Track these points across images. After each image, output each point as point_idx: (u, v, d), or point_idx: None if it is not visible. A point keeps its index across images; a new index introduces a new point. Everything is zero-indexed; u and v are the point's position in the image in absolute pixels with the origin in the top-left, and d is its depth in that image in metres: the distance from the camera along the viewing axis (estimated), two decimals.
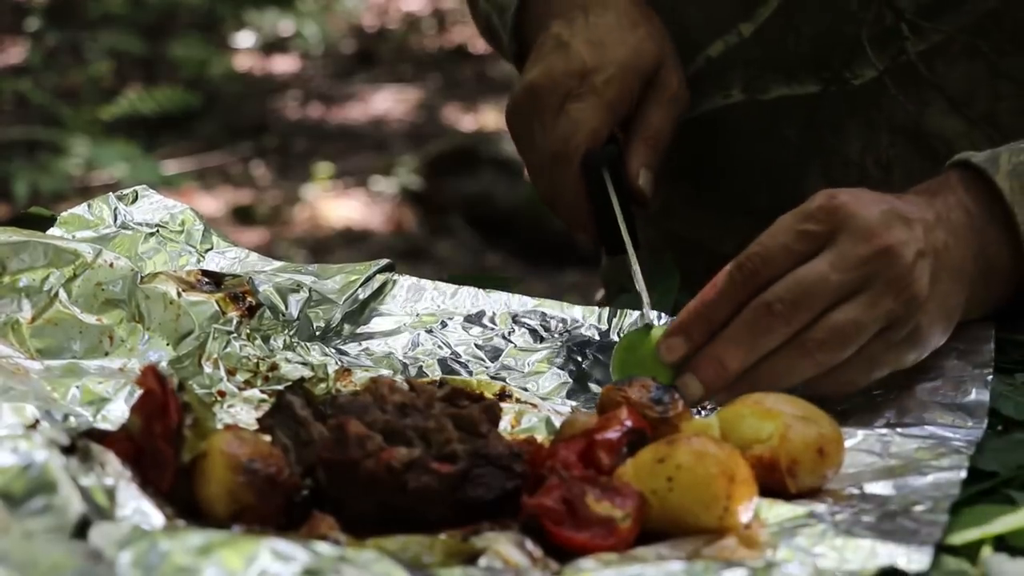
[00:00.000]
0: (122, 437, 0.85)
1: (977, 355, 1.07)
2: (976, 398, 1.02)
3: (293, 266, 1.23)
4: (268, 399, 1.05)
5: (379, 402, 0.89)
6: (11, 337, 1.07)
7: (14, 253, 1.12)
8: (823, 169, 1.27)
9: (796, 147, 1.27)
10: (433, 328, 1.18)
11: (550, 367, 1.14)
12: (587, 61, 1.20)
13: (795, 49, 1.25)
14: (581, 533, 0.81)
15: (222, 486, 0.83)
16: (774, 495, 0.88)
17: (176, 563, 0.71)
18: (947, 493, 0.87)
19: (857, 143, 1.26)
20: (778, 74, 1.26)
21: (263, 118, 5.54)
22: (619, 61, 1.21)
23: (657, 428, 0.91)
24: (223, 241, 1.27)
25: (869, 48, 1.23)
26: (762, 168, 1.29)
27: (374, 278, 1.22)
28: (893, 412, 1.02)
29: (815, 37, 1.24)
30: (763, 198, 1.28)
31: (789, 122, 1.27)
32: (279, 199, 4.90)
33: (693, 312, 1.02)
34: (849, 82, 1.24)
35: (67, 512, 0.76)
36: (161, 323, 1.12)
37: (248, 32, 5.92)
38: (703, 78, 1.29)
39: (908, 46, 1.22)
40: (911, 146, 1.24)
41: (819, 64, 1.25)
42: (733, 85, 1.28)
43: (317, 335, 1.16)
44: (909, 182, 1.18)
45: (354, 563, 0.73)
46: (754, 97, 1.27)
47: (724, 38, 1.27)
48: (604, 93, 1.19)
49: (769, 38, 1.25)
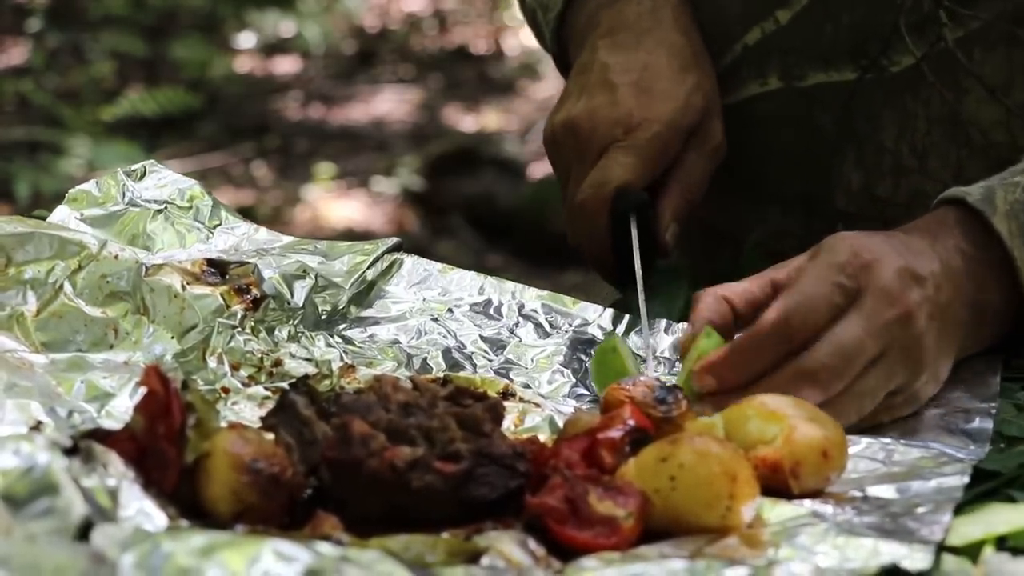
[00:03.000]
0: (125, 437, 0.85)
1: (983, 388, 1.07)
2: (980, 426, 1.02)
3: (302, 243, 1.22)
4: (272, 396, 1.05)
5: (383, 401, 0.89)
6: (16, 330, 1.07)
7: (19, 244, 1.12)
8: (857, 156, 1.27)
9: (831, 134, 1.27)
10: (439, 316, 1.18)
11: (553, 364, 1.14)
12: (634, 112, 1.20)
13: (833, 36, 1.25)
14: (584, 532, 0.81)
15: (226, 486, 0.83)
16: (776, 495, 0.88)
17: (178, 564, 0.71)
18: (950, 496, 0.87)
19: (893, 130, 1.25)
20: (815, 61, 1.26)
21: (264, 119, 5.53)
22: (665, 119, 1.21)
23: (660, 427, 0.91)
24: (232, 216, 1.27)
25: (907, 35, 1.22)
26: (796, 156, 1.28)
27: (382, 258, 1.21)
28: (897, 433, 1.02)
29: (853, 25, 1.24)
30: (796, 185, 1.28)
31: (824, 109, 1.27)
32: (280, 200, 4.90)
33: (731, 355, 0.99)
34: (887, 69, 1.24)
35: (70, 514, 0.76)
36: (166, 316, 1.12)
37: (249, 33, 5.92)
38: (740, 66, 1.28)
39: (946, 33, 1.21)
40: (947, 134, 1.24)
41: (856, 51, 1.24)
42: (770, 73, 1.28)
43: (323, 319, 1.15)
44: (944, 170, 1.20)
45: (356, 563, 0.73)
46: (791, 84, 1.27)
47: (761, 25, 1.27)
48: (646, 150, 1.20)
49: (807, 25, 1.25)
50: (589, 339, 1.16)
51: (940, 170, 1.24)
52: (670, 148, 1.21)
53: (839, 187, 1.27)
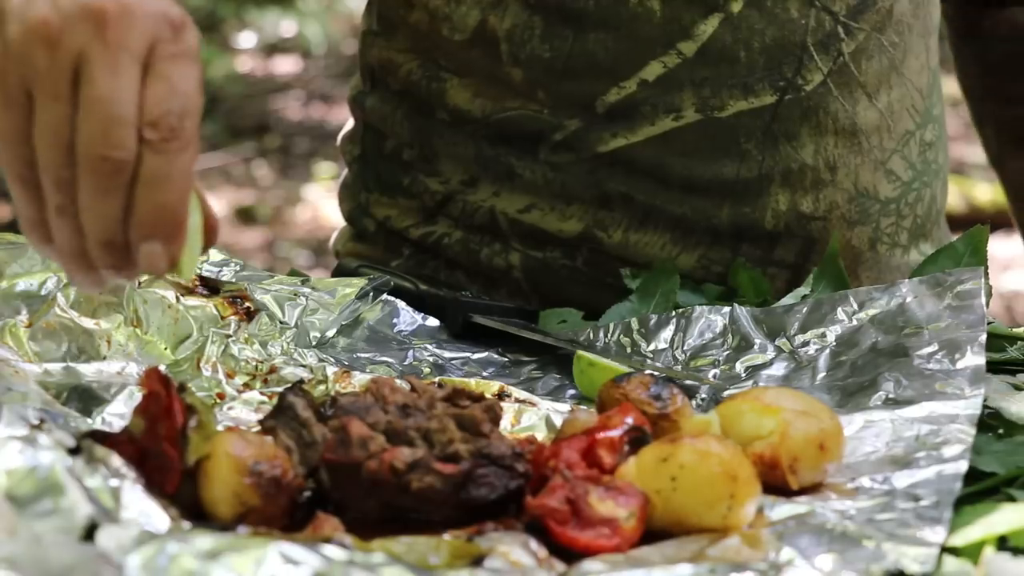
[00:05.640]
0: (124, 439, 0.85)
1: (968, 312, 1.08)
2: (973, 362, 1.03)
3: (289, 279, 1.23)
4: (268, 401, 1.06)
5: (381, 403, 0.89)
6: (9, 341, 1.07)
7: (11, 258, 1.12)
8: (783, 178, 1.29)
9: (757, 160, 1.28)
10: (428, 345, 1.20)
11: (546, 374, 1.15)
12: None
13: (748, 62, 1.26)
14: (585, 533, 0.82)
15: (227, 488, 0.83)
16: (775, 491, 0.89)
17: (184, 567, 0.71)
18: (950, 488, 0.87)
19: (810, 147, 1.29)
20: (734, 89, 1.27)
21: (265, 118, 5.54)
22: None
23: (657, 424, 0.92)
24: (219, 253, 1.27)
25: (815, 53, 1.27)
26: (722, 183, 1.28)
27: (369, 295, 1.22)
28: (892, 385, 1.03)
29: (765, 48, 1.26)
30: (725, 212, 1.29)
31: (749, 136, 1.28)
32: (281, 199, 4.90)
33: None
34: (802, 88, 1.27)
35: (74, 514, 0.76)
36: (159, 327, 1.12)
37: (250, 33, 5.92)
38: (640, 102, 1.27)
39: (843, 48, 1.28)
40: (847, 144, 1.30)
41: (773, 74, 1.27)
42: (684, 106, 1.27)
43: (313, 345, 1.16)
44: (847, 179, 1.29)
45: (364, 567, 0.74)
46: (710, 115, 1.27)
47: (661, 60, 1.26)
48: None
49: (719, 55, 1.26)
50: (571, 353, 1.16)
51: (845, 180, 1.30)
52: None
53: (768, 209, 1.28)
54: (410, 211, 1.37)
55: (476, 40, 1.29)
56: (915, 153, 1.34)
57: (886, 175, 1.32)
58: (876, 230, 1.33)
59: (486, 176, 1.32)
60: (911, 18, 1.32)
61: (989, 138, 1.55)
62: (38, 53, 0.80)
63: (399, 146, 1.37)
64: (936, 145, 1.37)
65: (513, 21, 1.27)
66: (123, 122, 0.80)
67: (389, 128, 1.37)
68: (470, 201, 1.33)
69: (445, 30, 1.30)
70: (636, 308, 1.24)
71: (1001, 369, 1.10)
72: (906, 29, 1.32)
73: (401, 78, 1.35)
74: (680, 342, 1.16)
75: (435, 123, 1.33)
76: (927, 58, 1.35)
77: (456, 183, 1.33)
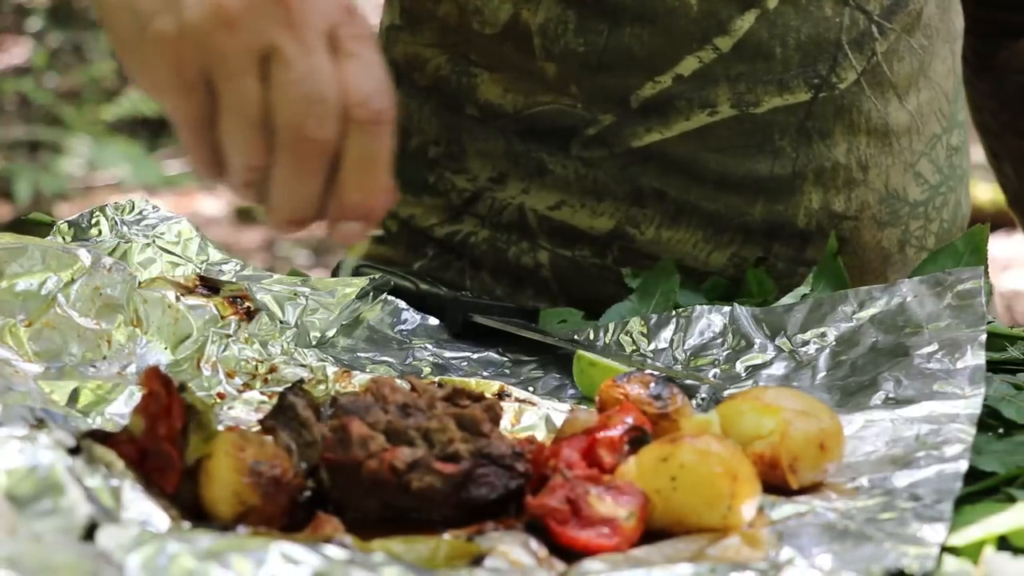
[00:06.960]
0: (124, 439, 0.85)
1: (968, 312, 1.08)
2: (973, 362, 1.03)
3: (289, 279, 1.24)
4: (268, 401, 1.06)
5: (381, 402, 0.89)
6: (9, 340, 1.07)
7: (11, 258, 1.12)
8: (816, 176, 1.29)
9: (791, 157, 1.28)
10: (428, 344, 1.20)
11: (546, 374, 1.15)
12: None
13: (783, 58, 1.26)
14: (585, 533, 0.82)
15: (227, 487, 0.83)
16: (775, 490, 0.89)
17: (185, 566, 0.71)
18: (950, 487, 0.87)
19: (843, 146, 1.29)
20: (770, 85, 1.27)
21: None
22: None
23: (657, 423, 0.92)
24: (219, 252, 1.28)
25: (849, 52, 1.27)
26: (756, 180, 1.29)
27: (369, 295, 1.23)
28: (892, 384, 1.03)
29: (800, 45, 1.26)
30: (758, 210, 1.29)
31: (783, 133, 1.28)
32: None
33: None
34: (836, 87, 1.27)
35: (74, 514, 0.76)
36: (160, 327, 1.12)
37: None
38: (675, 96, 1.27)
39: (877, 47, 1.28)
40: (879, 144, 1.30)
41: (808, 71, 1.27)
42: (719, 101, 1.27)
43: (313, 345, 1.16)
44: (879, 180, 1.28)
45: (364, 567, 0.74)
46: (745, 111, 1.27)
47: (697, 55, 1.26)
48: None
49: (755, 51, 1.26)
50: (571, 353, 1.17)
51: (876, 180, 1.30)
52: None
53: (801, 207, 1.29)
54: (435, 210, 1.36)
55: (508, 34, 1.29)
56: (942, 157, 1.34)
57: (915, 178, 1.33)
58: (905, 232, 1.33)
59: (516, 172, 1.31)
60: (938, 22, 1.33)
61: (1008, 175, 1.53)
62: (219, 38, 0.79)
63: (424, 143, 1.36)
64: (961, 150, 1.37)
65: (546, 15, 1.27)
66: (325, 102, 0.80)
67: (414, 125, 1.36)
68: (498, 198, 1.32)
69: (476, 24, 1.29)
70: (636, 308, 1.25)
71: (1001, 369, 1.10)
72: (933, 32, 1.33)
73: (429, 73, 1.34)
74: (680, 342, 1.17)
75: (464, 119, 1.33)
76: (952, 63, 1.36)
77: (484, 180, 1.33)
